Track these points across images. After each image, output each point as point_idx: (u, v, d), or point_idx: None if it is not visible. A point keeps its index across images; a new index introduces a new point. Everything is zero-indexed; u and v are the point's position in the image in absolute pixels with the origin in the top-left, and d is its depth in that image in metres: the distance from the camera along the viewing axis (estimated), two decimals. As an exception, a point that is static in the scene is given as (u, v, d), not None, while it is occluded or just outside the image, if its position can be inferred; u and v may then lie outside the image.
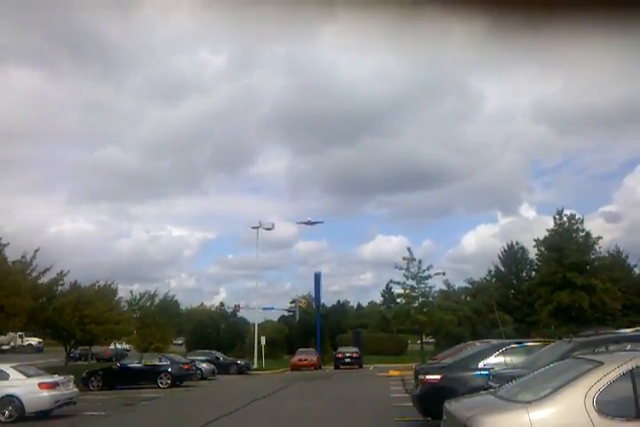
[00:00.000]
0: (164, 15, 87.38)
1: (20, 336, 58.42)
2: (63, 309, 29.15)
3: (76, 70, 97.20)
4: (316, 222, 53.95)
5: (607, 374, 4.77)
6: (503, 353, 11.18)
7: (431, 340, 48.87)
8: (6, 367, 16.20)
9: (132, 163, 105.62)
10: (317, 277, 51.01)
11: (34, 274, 28.02)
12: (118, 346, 51.33)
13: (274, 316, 65.61)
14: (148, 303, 41.70)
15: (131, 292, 42.18)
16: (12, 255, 27.16)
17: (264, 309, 55.44)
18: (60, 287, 30.67)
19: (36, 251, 27.61)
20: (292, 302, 66.14)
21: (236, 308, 61.51)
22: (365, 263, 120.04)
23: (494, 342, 14.36)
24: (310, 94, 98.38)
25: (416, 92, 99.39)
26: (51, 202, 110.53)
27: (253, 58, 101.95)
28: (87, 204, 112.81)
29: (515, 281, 51.43)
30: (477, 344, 16.24)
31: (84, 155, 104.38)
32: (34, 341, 60.01)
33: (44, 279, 29.07)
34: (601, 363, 5.02)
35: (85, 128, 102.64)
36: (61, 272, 30.07)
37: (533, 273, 48.11)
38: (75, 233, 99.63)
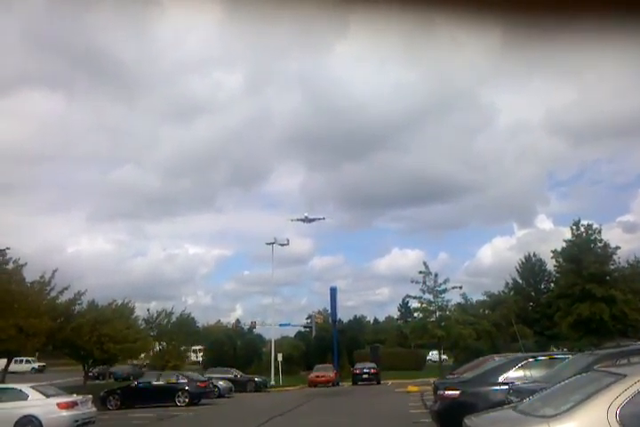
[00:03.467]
0: (178, 36, 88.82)
1: None
2: (81, 328, 29.26)
3: (93, 92, 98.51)
4: (315, 219, 50.24)
5: (630, 386, 4.68)
6: (523, 367, 11.02)
7: (444, 356, 48.23)
8: (25, 387, 16.27)
9: (149, 182, 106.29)
10: (333, 293, 50.77)
11: (52, 294, 28.25)
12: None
13: (290, 332, 65.40)
14: (165, 321, 41.76)
15: (148, 310, 42.33)
16: (30, 276, 27.50)
17: (280, 325, 55.22)
18: (77, 307, 30.89)
19: (55, 271, 27.91)
20: (308, 318, 65.86)
21: (253, 324, 61.41)
22: (381, 278, 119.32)
23: (511, 355, 14.18)
24: (323, 110, 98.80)
25: (429, 106, 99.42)
26: (69, 222, 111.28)
27: (267, 76, 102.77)
28: (105, 223, 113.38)
29: (533, 293, 50.80)
30: (497, 358, 16.03)
31: (101, 175, 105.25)
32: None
33: (62, 299, 29.31)
34: (623, 375, 4.94)
35: (103, 149, 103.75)
36: (79, 292, 30.31)
37: (552, 285, 47.53)
38: (92, 252, 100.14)
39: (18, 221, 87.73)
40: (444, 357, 47.62)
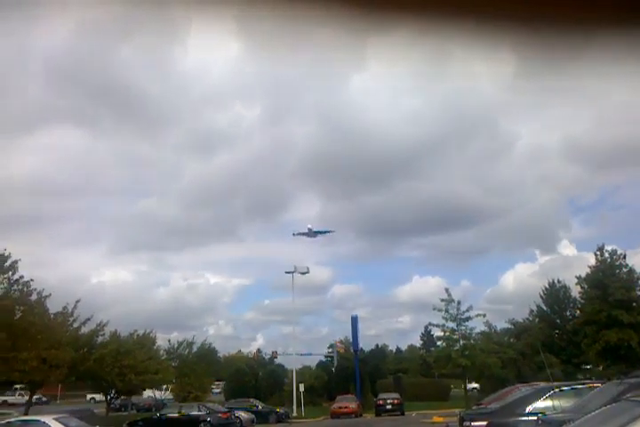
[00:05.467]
0: (199, 72, 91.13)
1: None
2: (103, 359, 29.28)
3: (117, 127, 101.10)
4: (320, 232, 47.73)
5: (662, 417, 4.58)
6: (551, 397, 10.78)
7: (475, 385, 47.25)
8: (48, 419, 16.28)
9: (172, 213, 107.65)
10: (354, 321, 50.30)
11: (75, 325, 28.39)
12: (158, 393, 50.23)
13: (312, 362, 64.63)
14: (186, 352, 41.59)
15: (169, 340, 42.24)
16: (56, 306, 27.74)
17: (302, 355, 54.71)
18: (100, 338, 30.99)
19: (77, 302, 28.14)
20: (329, 348, 65.09)
21: (274, 354, 60.87)
22: (403, 306, 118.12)
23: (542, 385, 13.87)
24: (342, 140, 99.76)
25: (448, 134, 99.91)
26: (93, 253, 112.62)
27: (286, 107, 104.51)
28: (128, 254, 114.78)
29: (559, 320, 49.80)
30: (524, 388, 15.69)
31: (125, 207, 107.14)
32: None
33: (85, 330, 29.47)
34: (655, 406, 4.84)
35: (127, 181, 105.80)
36: (101, 322, 30.47)
37: (577, 312, 46.62)
38: (115, 283, 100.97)
39: (44, 252, 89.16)
40: (475, 385, 46.75)
